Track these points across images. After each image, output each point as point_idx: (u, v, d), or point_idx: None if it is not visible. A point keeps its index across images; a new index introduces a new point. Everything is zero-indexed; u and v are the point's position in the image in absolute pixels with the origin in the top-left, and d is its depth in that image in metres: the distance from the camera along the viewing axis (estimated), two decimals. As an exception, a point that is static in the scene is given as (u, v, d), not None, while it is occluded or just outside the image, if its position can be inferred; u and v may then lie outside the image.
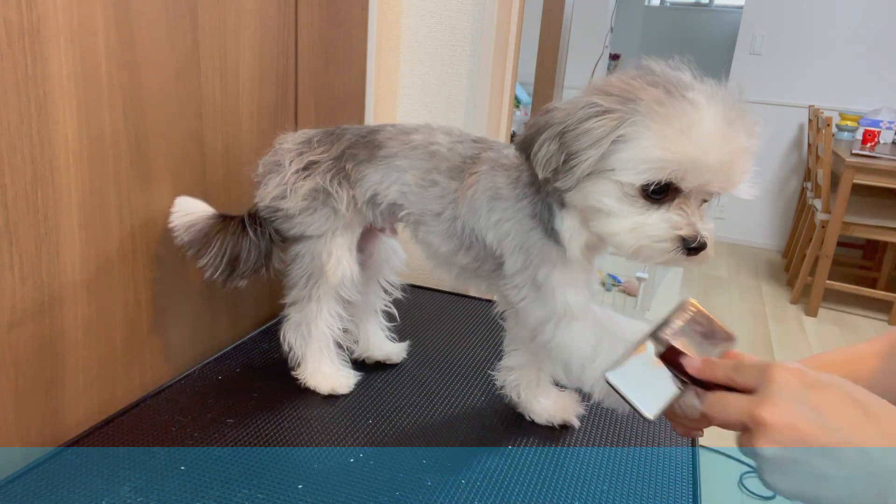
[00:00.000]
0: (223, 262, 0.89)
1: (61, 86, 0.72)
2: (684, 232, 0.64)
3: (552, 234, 0.74)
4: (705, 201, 0.67)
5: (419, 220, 0.85)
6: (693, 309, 0.64)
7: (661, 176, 0.62)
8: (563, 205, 0.72)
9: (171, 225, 0.88)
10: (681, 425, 0.67)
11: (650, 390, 0.61)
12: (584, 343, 0.73)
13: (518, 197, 0.76)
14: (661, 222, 0.65)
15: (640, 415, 0.60)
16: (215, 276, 0.89)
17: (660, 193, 0.64)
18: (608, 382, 0.61)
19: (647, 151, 0.62)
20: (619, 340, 0.71)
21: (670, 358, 0.61)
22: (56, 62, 0.71)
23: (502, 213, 0.77)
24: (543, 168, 0.66)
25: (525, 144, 0.69)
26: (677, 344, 0.62)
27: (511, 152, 0.79)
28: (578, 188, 0.67)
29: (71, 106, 0.73)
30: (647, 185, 0.63)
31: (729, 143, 0.62)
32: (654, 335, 0.62)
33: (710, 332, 0.63)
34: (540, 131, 0.67)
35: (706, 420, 0.60)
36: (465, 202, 0.80)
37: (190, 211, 0.89)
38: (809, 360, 0.72)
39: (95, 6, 0.74)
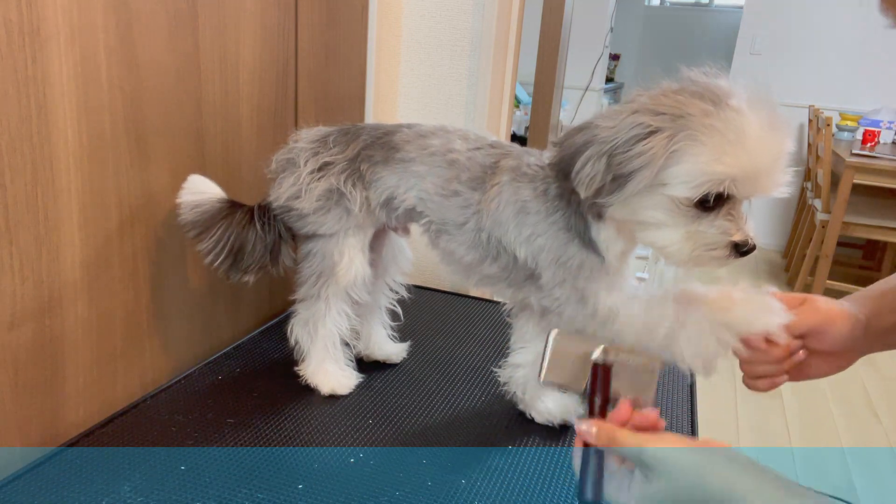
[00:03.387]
0: (225, 251, 0.88)
1: (61, 86, 0.72)
2: (737, 237, 0.66)
3: (590, 244, 0.74)
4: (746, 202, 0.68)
5: (441, 230, 0.84)
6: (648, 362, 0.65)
7: (720, 188, 0.63)
8: (599, 217, 0.72)
9: (178, 200, 0.87)
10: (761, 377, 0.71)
11: (565, 372, 0.64)
12: (635, 325, 0.74)
13: (549, 211, 0.75)
14: (714, 230, 0.66)
15: (539, 371, 0.64)
16: (216, 263, 0.88)
17: (713, 203, 0.65)
18: (549, 336, 0.64)
19: (704, 166, 0.62)
20: (661, 305, 0.73)
21: (598, 373, 0.63)
22: (56, 62, 0.71)
23: (534, 228, 0.76)
24: (587, 187, 0.66)
25: (563, 164, 0.69)
26: (614, 367, 0.63)
27: (533, 159, 0.79)
28: (624, 203, 0.67)
29: (71, 106, 0.73)
30: (703, 198, 0.64)
31: (776, 148, 0.63)
32: (606, 349, 0.64)
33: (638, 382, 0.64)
34: (580, 150, 0.66)
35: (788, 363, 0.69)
36: (490, 214, 0.79)
37: (200, 190, 0.88)
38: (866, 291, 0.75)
39: (95, 6, 0.74)
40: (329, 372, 0.93)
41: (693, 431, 0.91)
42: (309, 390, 0.93)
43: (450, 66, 1.36)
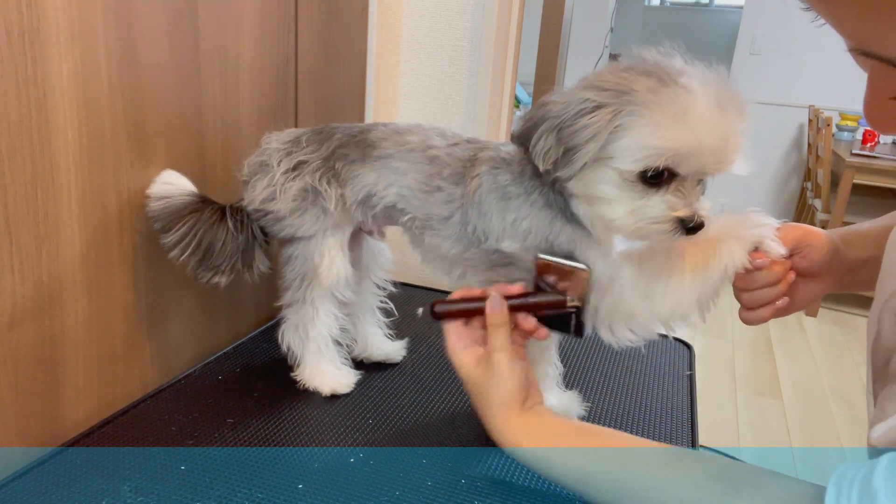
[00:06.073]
0: (191, 246, 0.85)
1: (61, 86, 0.72)
2: (682, 213, 0.67)
3: (573, 218, 0.74)
4: (701, 181, 0.69)
5: (425, 225, 0.84)
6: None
7: (659, 162, 0.64)
8: (561, 192, 0.74)
9: (147, 191, 0.85)
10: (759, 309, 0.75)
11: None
12: (636, 288, 0.75)
13: (528, 191, 0.76)
14: (660, 204, 0.67)
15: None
16: (181, 258, 0.86)
17: (657, 178, 0.66)
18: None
19: (643, 140, 0.64)
20: (653, 262, 0.75)
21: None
22: (56, 62, 0.71)
23: (517, 212, 0.77)
24: (543, 161, 0.69)
25: (523, 137, 0.71)
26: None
27: (510, 148, 0.80)
28: (578, 177, 0.69)
29: (71, 106, 0.73)
30: (645, 171, 0.65)
31: (722, 127, 0.64)
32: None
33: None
34: (536, 125, 0.69)
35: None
36: (475, 206, 0.79)
37: (169, 182, 0.86)
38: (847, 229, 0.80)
39: (95, 6, 0.74)
40: (326, 372, 0.93)
41: (693, 431, 0.91)
42: (309, 390, 0.93)
43: (450, 66, 1.36)
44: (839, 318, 3.48)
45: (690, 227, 0.67)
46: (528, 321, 0.76)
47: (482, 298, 0.76)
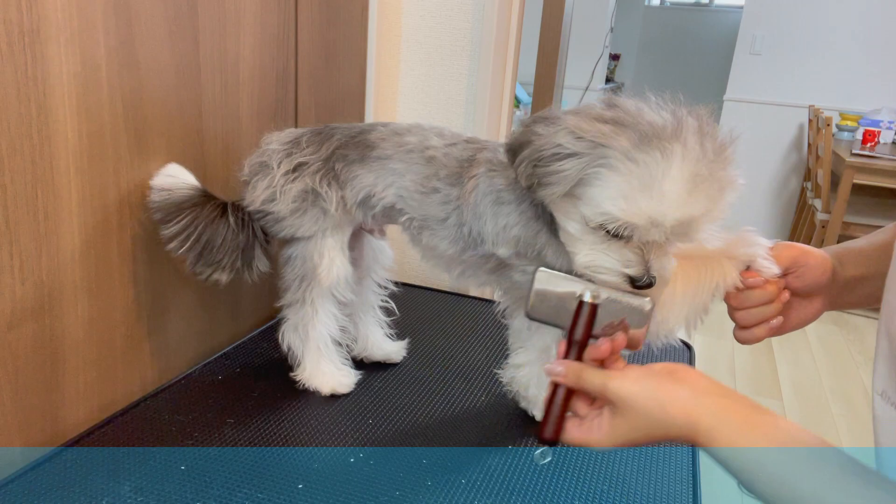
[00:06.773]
0: (191, 240, 0.85)
1: (61, 86, 0.72)
2: (632, 271, 0.67)
3: (557, 233, 0.74)
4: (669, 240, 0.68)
5: (423, 226, 0.85)
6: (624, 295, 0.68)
7: (613, 226, 0.65)
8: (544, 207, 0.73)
9: (150, 182, 0.85)
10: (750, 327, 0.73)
11: (551, 308, 0.69)
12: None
13: (519, 199, 0.76)
14: (615, 255, 0.67)
15: (526, 304, 0.69)
16: (179, 251, 0.85)
17: (616, 233, 0.66)
18: (536, 272, 0.69)
19: (603, 201, 0.64)
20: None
21: (581, 311, 0.66)
22: (56, 62, 0.71)
23: (508, 218, 0.77)
24: (524, 180, 0.69)
25: (512, 153, 0.71)
26: (602, 306, 0.67)
27: None
28: (552, 202, 0.70)
29: (71, 106, 0.73)
30: (603, 225, 0.65)
31: (688, 206, 0.63)
32: (596, 289, 0.68)
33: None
34: (522, 147, 0.69)
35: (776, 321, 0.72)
36: (470, 208, 0.80)
37: (172, 175, 0.86)
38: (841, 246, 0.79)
39: (95, 6, 0.74)
40: (326, 372, 0.93)
41: (693, 431, 0.91)
42: (309, 390, 0.93)
43: (450, 66, 1.36)
44: (839, 318, 3.48)
45: (638, 285, 0.67)
46: (599, 349, 0.62)
47: (555, 387, 0.64)
